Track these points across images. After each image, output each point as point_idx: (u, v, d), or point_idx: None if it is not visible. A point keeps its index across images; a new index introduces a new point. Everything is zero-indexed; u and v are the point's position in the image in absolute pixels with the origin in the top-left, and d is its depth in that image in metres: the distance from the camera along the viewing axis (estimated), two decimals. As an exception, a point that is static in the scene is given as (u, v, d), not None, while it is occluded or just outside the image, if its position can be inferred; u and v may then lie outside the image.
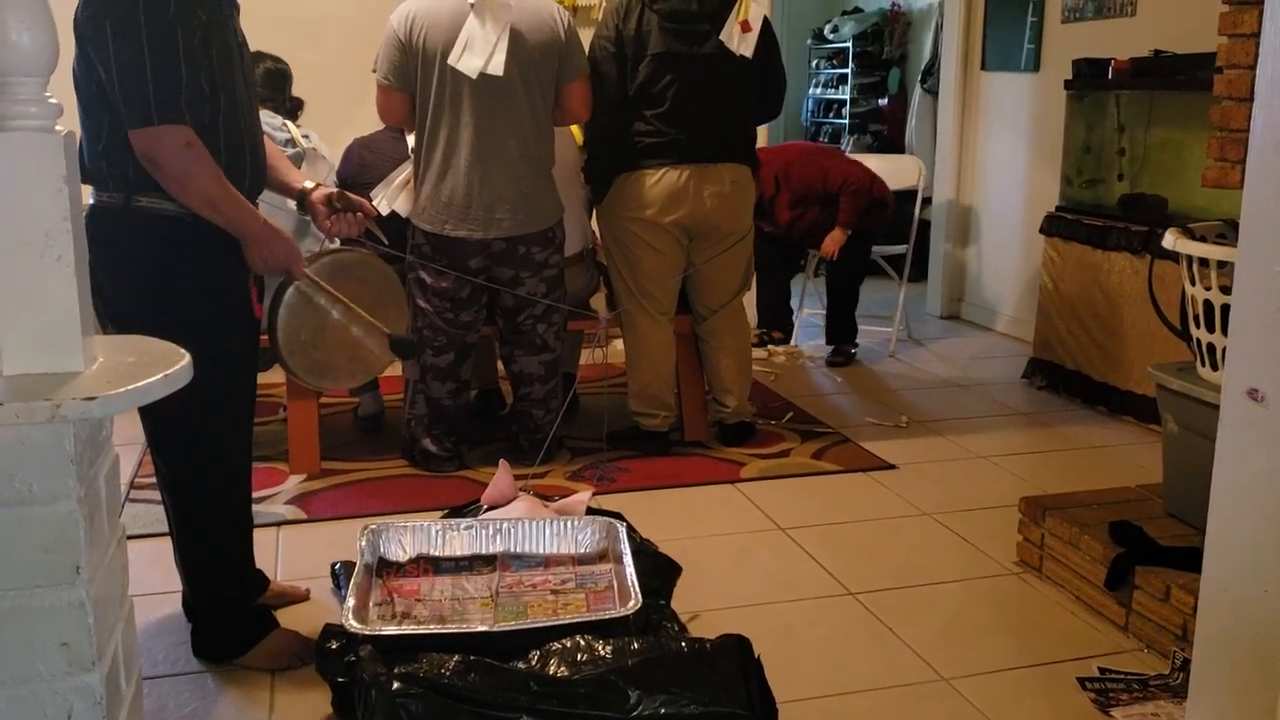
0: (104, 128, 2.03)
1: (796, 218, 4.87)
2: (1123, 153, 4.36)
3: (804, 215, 4.86)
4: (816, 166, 4.83)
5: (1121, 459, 3.69)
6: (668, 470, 3.55)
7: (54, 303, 1.25)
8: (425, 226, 3.28)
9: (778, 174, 4.82)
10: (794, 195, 4.82)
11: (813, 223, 4.87)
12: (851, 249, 4.90)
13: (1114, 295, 4.11)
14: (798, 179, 4.82)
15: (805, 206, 4.84)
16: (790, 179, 4.83)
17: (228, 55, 2.09)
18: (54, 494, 1.20)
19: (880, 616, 2.60)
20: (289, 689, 2.27)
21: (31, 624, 1.22)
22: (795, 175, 4.82)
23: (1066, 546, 2.71)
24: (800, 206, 4.85)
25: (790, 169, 4.84)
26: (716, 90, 3.47)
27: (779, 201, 4.87)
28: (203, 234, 2.10)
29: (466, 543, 2.61)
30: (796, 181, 4.82)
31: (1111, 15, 4.60)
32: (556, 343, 3.53)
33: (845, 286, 5.02)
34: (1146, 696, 2.26)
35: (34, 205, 1.24)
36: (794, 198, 4.83)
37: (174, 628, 2.45)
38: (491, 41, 3.11)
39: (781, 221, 4.89)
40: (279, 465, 3.50)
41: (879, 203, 4.81)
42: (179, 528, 2.30)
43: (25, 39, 1.22)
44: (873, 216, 4.86)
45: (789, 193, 4.84)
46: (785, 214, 4.87)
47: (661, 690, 1.99)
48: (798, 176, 4.82)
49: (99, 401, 1.17)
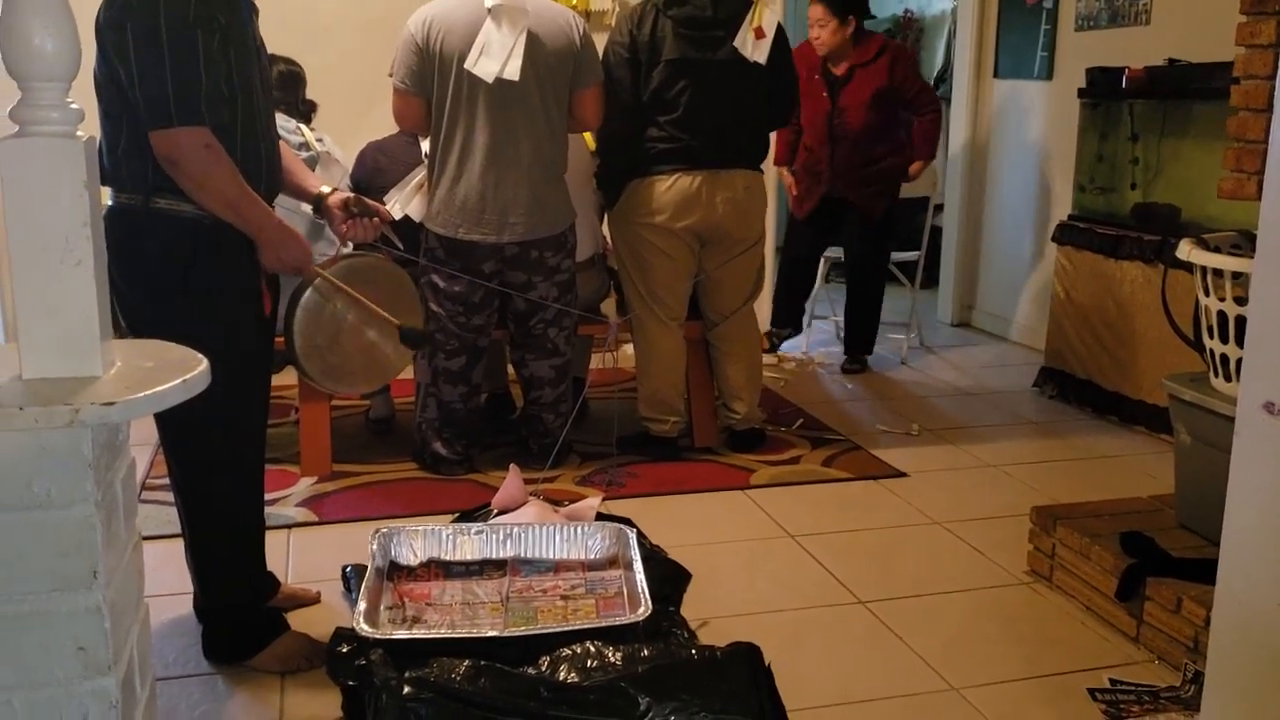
0: (124, 129, 2.04)
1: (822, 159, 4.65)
2: (1136, 162, 4.34)
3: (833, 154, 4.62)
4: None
5: (1133, 469, 3.68)
6: (677, 476, 3.55)
7: (73, 307, 1.26)
8: (439, 230, 3.29)
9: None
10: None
11: (847, 165, 4.62)
12: (876, 250, 4.80)
13: (1126, 305, 4.10)
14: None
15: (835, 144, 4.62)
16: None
17: (246, 58, 2.10)
18: (72, 498, 1.21)
19: (890, 625, 2.60)
20: (299, 691, 2.28)
21: (48, 628, 1.22)
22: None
23: (1077, 557, 2.71)
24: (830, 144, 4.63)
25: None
26: (730, 96, 3.47)
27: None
28: (220, 236, 2.12)
29: (477, 547, 2.62)
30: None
31: (1126, 24, 4.59)
32: (567, 347, 3.54)
33: (872, 290, 4.90)
34: (1158, 709, 2.25)
35: (54, 210, 1.25)
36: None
37: (185, 629, 2.46)
38: (508, 46, 3.11)
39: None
40: (290, 467, 3.51)
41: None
42: (191, 529, 2.31)
43: (48, 45, 1.23)
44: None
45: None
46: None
47: (671, 697, 1.99)
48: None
49: (118, 407, 1.18)
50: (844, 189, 4.66)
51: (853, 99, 4.55)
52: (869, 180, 4.65)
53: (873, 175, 4.65)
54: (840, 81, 4.57)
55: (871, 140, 4.60)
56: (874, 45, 4.59)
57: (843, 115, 4.57)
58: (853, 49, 4.56)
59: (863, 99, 4.53)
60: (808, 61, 4.52)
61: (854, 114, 4.55)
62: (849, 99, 4.55)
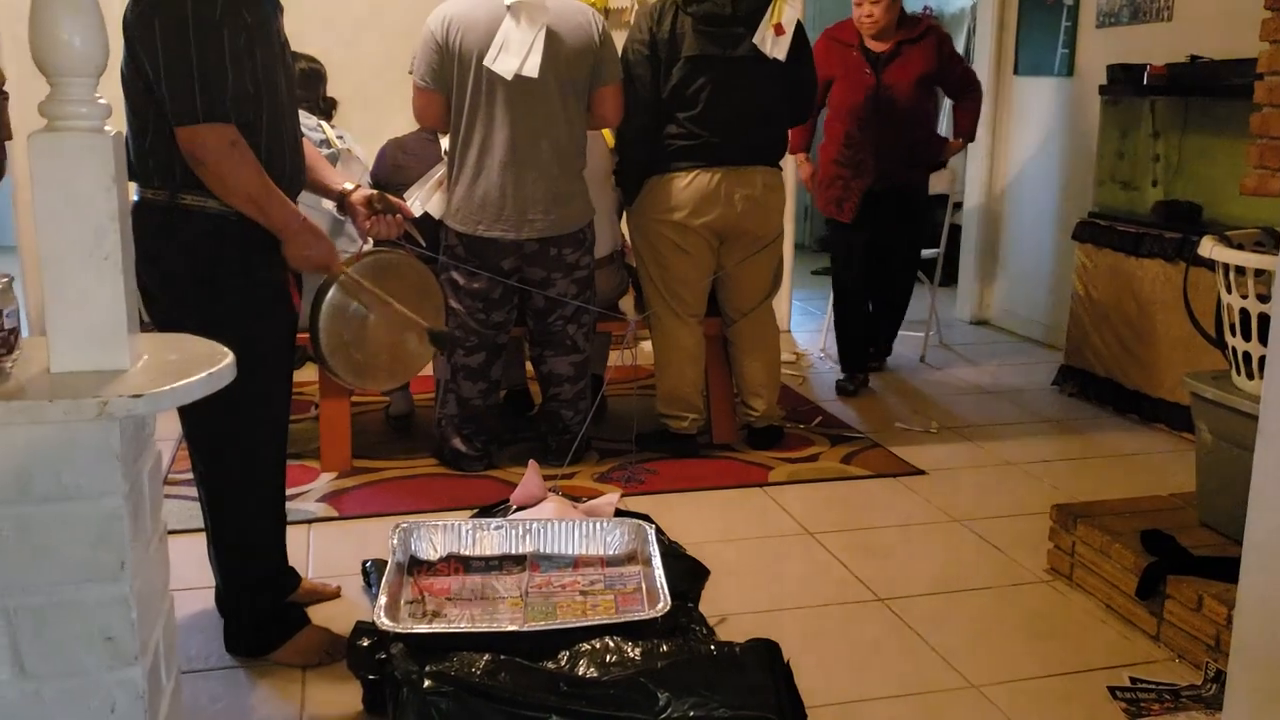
0: (150, 126, 2.05)
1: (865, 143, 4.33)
2: (1157, 159, 4.32)
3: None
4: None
5: (1153, 467, 3.66)
6: (696, 473, 3.56)
7: (101, 301, 1.27)
8: (458, 227, 3.30)
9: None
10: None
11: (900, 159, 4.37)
12: (911, 242, 4.64)
13: (1147, 302, 4.08)
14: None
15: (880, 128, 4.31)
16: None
17: (271, 56, 2.11)
18: (100, 490, 1.22)
19: (909, 622, 2.60)
20: (320, 685, 2.29)
21: (77, 618, 1.23)
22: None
23: (1098, 555, 2.70)
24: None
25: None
26: (749, 93, 3.47)
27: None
28: (245, 232, 2.13)
29: (496, 542, 2.62)
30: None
31: (1147, 20, 4.57)
32: (586, 344, 3.54)
33: (901, 283, 4.72)
34: (1178, 707, 2.24)
35: (83, 204, 1.26)
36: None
37: (207, 623, 2.47)
38: (527, 43, 3.12)
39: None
40: (311, 463, 3.53)
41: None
42: (214, 523, 2.33)
43: (77, 40, 1.24)
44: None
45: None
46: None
47: (690, 693, 1.99)
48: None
49: (145, 399, 1.19)
50: (890, 174, 4.35)
51: (898, 76, 4.29)
52: (915, 164, 4.46)
53: (918, 161, 4.48)
54: (884, 59, 4.30)
55: (914, 124, 4.38)
56: (919, 24, 4.42)
57: (888, 92, 4.29)
58: (896, 27, 4.35)
59: (909, 77, 4.29)
60: (844, 39, 4.35)
61: (900, 91, 4.29)
62: (895, 76, 4.29)
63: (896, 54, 4.30)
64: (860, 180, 4.36)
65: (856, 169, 4.35)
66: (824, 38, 4.39)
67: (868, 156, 4.32)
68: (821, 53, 4.11)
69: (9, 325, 1.24)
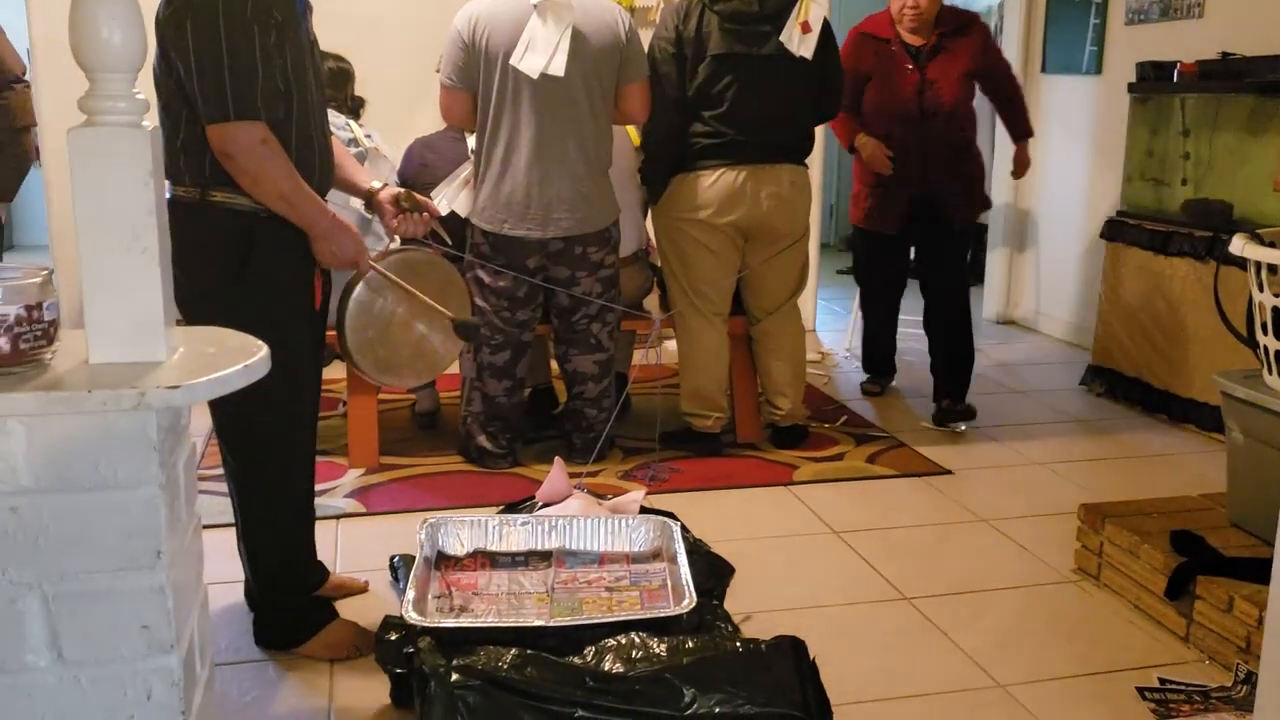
0: (181, 124, 2.08)
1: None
2: (1187, 157, 4.29)
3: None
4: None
5: (1183, 468, 3.63)
6: (720, 471, 3.56)
7: (139, 294, 1.29)
8: (484, 226, 3.31)
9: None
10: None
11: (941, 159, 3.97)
12: (962, 270, 4.19)
13: (1176, 301, 4.04)
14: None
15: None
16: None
17: (300, 55, 2.13)
18: (137, 480, 1.24)
19: (935, 622, 2.59)
20: (348, 678, 2.31)
21: (114, 606, 1.25)
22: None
23: (1126, 555, 2.68)
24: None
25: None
26: (776, 91, 3.47)
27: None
28: (275, 229, 2.15)
29: (523, 538, 2.64)
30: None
31: (1178, 17, 4.53)
32: (610, 342, 3.55)
33: (964, 319, 4.12)
34: (1208, 708, 2.23)
35: (121, 199, 1.28)
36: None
37: (236, 616, 2.50)
38: (553, 42, 3.13)
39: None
40: (339, 459, 3.56)
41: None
42: (244, 517, 2.35)
43: (116, 36, 1.26)
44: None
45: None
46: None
47: (716, 689, 2.00)
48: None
49: (182, 390, 1.21)
50: (938, 181, 3.97)
51: (944, 71, 3.94)
52: (962, 179, 4.03)
53: (966, 175, 4.04)
54: (927, 53, 3.95)
55: (960, 125, 4.00)
56: (962, 15, 4.08)
57: (934, 88, 3.93)
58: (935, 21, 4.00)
59: (956, 72, 3.94)
60: (879, 34, 4.01)
61: (947, 87, 3.93)
62: (940, 71, 3.94)
63: (940, 48, 3.97)
64: (904, 188, 4.01)
65: (899, 174, 3.99)
66: (855, 33, 4.08)
67: (912, 160, 3.96)
68: (854, 49, 3.98)
69: (49, 317, 1.26)
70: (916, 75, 3.94)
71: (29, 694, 1.25)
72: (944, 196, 3.98)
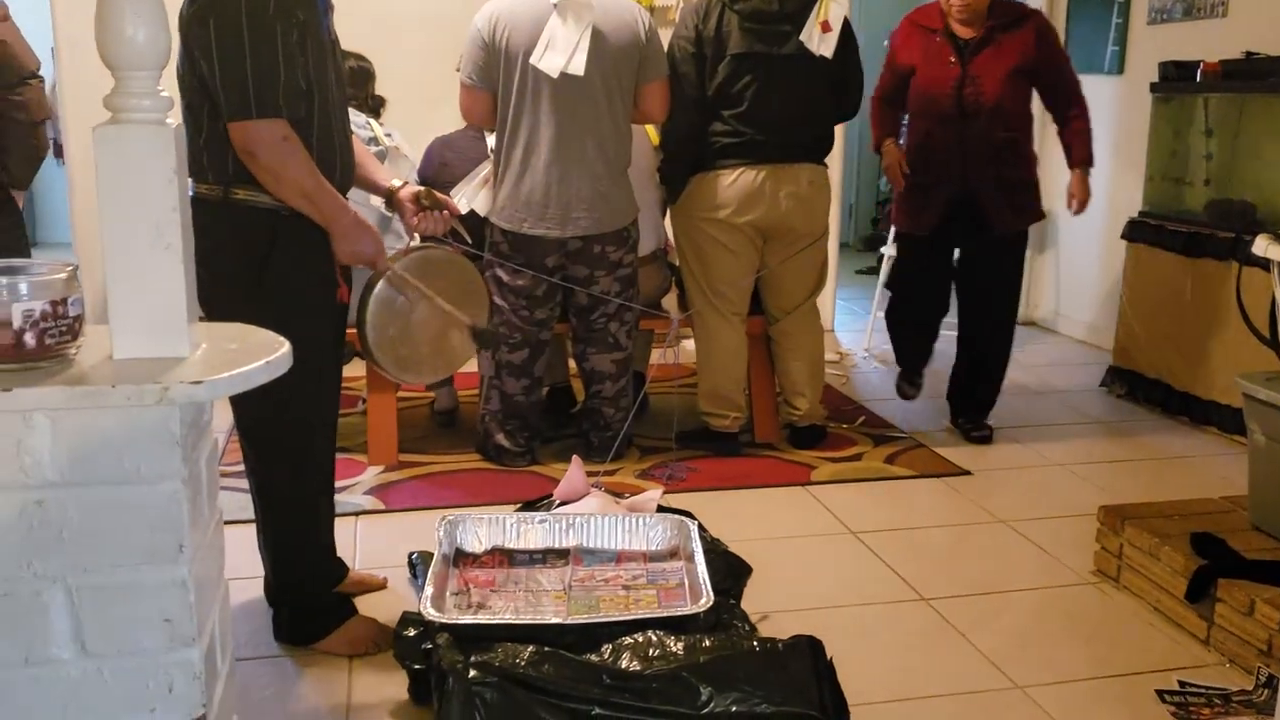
0: (204, 122, 2.09)
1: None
2: (1210, 157, 4.26)
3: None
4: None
5: (1204, 470, 3.61)
6: (738, 471, 3.56)
7: (162, 290, 1.30)
8: (503, 224, 3.32)
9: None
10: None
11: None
12: (1007, 286, 3.91)
13: (1198, 303, 4.02)
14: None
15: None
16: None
17: (322, 53, 2.14)
18: (160, 474, 1.25)
19: (953, 623, 2.58)
20: (367, 674, 2.32)
21: (137, 599, 1.26)
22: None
23: (1146, 557, 2.67)
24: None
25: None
26: (795, 91, 3.46)
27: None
28: (296, 227, 2.16)
29: (541, 536, 2.64)
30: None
31: (1201, 16, 4.50)
32: (628, 341, 3.55)
33: (998, 342, 3.90)
34: (1229, 712, 2.21)
35: (145, 195, 1.29)
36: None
37: (255, 612, 2.51)
38: (573, 41, 3.14)
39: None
40: (358, 456, 3.58)
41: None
42: (264, 513, 2.36)
43: (140, 34, 1.27)
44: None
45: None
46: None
47: (733, 688, 1.99)
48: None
49: (205, 385, 1.21)
50: (979, 181, 3.69)
51: (988, 67, 3.65)
52: (1005, 184, 3.72)
53: (1010, 179, 3.73)
54: (972, 46, 3.67)
55: (1006, 125, 3.69)
56: (1016, 9, 3.78)
57: (976, 84, 3.65)
58: (989, 12, 3.70)
59: (1002, 69, 3.64)
60: (927, 24, 3.77)
61: (990, 84, 3.64)
62: (984, 66, 3.65)
63: (988, 41, 3.66)
64: (942, 189, 3.74)
65: (938, 174, 3.73)
66: (906, 22, 3.85)
67: (951, 159, 3.70)
68: (902, 39, 3.80)
69: (74, 313, 1.27)
70: (957, 69, 3.67)
71: (53, 686, 1.27)
72: (985, 200, 3.70)
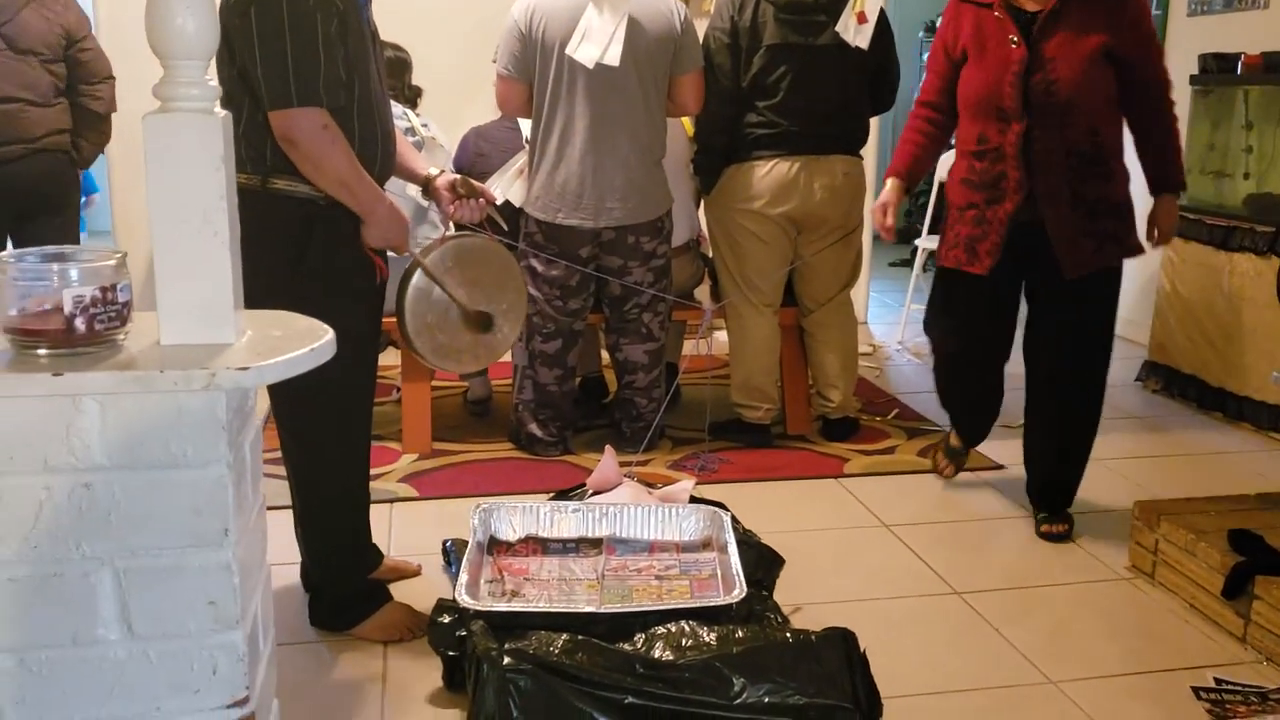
0: (243, 112, 2.11)
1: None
2: (1249, 150, 4.21)
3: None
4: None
5: (1240, 466, 3.57)
6: (770, 463, 3.55)
7: (209, 277, 1.32)
8: (538, 215, 3.33)
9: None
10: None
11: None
12: (1090, 339, 2.97)
13: (1235, 298, 3.97)
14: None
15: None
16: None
17: (362, 43, 2.16)
18: (206, 459, 1.27)
19: (986, 617, 2.57)
20: (401, 660, 2.34)
21: (182, 582, 1.28)
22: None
23: (1182, 553, 2.65)
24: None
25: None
26: (831, 82, 3.45)
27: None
28: (334, 216, 2.18)
29: (574, 525, 2.66)
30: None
31: (1242, 8, 4.44)
32: (661, 332, 3.56)
33: (1081, 411, 2.99)
34: (1266, 710, 2.19)
35: (193, 183, 1.30)
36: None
37: (292, 598, 2.54)
38: (609, 32, 3.14)
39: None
40: (393, 444, 3.60)
41: None
42: (301, 500, 2.39)
43: (190, 24, 1.28)
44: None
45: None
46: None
47: (766, 679, 2.00)
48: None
49: (252, 371, 1.23)
50: (1053, 205, 2.79)
51: (1065, 49, 2.73)
52: (1085, 205, 2.80)
53: (1091, 198, 2.81)
54: (1043, 21, 2.75)
55: (1088, 125, 2.78)
56: None
57: (1046, 70, 2.74)
58: None
59: (1083, 49, 2.73)
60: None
61: (1066, 69, 2.72)
62: (1059, 48, 2.74)
63: (1060, 14, 2.74)
64: (999, 206, 2.83)
65: (994, 190, 2.84)
66: (954, 1, 2.97)
67: (1012, 169, 2.79)
68: (949, 23, 2.95)
69: (123, 299, 1.29)
70: (1022, 51, 2.75)
71: (100, 666, 1.29)
72: (1059, 229, 2.80)
